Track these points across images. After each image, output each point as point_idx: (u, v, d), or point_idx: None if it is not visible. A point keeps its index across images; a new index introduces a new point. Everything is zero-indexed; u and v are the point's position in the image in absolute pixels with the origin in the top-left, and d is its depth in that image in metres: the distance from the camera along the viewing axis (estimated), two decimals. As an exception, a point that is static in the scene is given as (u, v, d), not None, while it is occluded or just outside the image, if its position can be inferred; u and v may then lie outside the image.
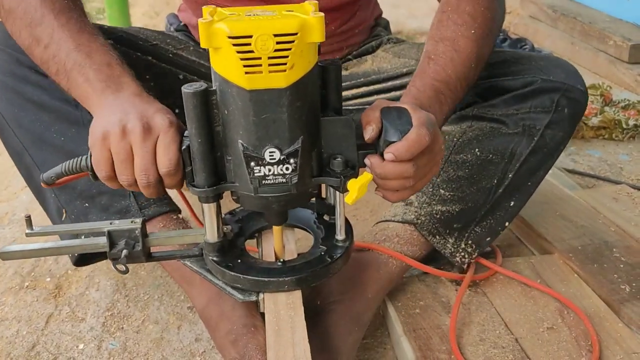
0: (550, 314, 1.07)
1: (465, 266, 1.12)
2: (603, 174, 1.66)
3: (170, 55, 1.17)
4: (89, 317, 1.16)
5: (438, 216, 1.07)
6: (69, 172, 0.80)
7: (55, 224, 1.06)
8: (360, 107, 1.18)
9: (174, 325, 1.13)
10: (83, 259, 1.10)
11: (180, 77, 1.17)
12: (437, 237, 1.09)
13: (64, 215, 1.03)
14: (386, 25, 1.35)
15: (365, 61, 1.23)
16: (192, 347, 1.08)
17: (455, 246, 1.09)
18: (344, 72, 1.22)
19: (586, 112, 1.87)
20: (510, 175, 1.07)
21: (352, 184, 0.76)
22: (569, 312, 1.07)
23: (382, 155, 0.76)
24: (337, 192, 0.82)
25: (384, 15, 1.38)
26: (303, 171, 0.76)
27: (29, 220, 0.83)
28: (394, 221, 1.10)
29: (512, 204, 1.10)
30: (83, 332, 1.12)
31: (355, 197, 0.76)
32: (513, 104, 1.07)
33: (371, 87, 1.19)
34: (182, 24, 1.30)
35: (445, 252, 1.10)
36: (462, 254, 1.10)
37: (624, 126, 1.87)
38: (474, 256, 1.12)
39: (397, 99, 1.14)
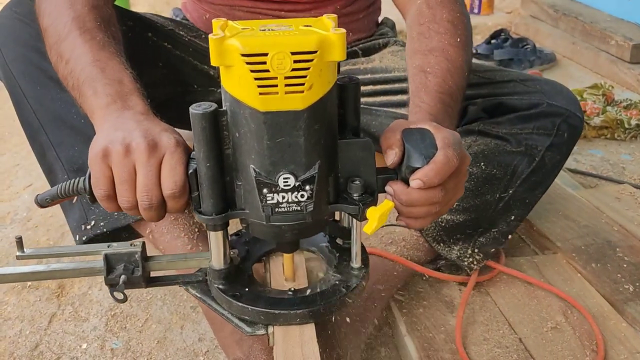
0: (554, 314, 1.07)
1: (471, 272, 1.12)
2: (605, 173, 1.66)
3: (186, 39, 1.16)
4: (91, 316, 1.16)
5: (443, 224, 1.08)
6: (65, 194, 0.75)
7: (65, 208, 1.05)
8: (366, 106, 1.17)
9: (177, 324, 1.13)
10: (90, 243, 1.02)
11: (194, 64, 1.15)
12: (442, 244, 1.10)
13: (75, 199, 1.02)
14: (392, 26, 1.35)
15: (372, 60, 1.23)
16: (196, 347, 1.08)
17: (462, 252, 1.10)
18: (351, 67, 1.22)
19: (588, 112, 1.88)
20: (510, 192, 1.08)
21: (372, 213, 0.70)
22: (572, 311, 1.07)
23: (404, 180, 0.72)
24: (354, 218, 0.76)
25: (386, 16, 1.38)
26: (319, 198, 0.70)
27: (19, 242, 0.77)
28: (400, 225, 1.10)
29: (512, 218, 1.11)
30: (86, 331, 1.12)
31: (375, 226, 0.69)
32: (517, 123, 1.08)
33: (378, 87, 1.19)
34: (185, 16, 1.30)
35: (451, 257, 1.11)
36: (470, 259, 1.10)
37: (626, 126, 1.87)
38: (482, 263, 1.12)
39: (405, 102, 1.15)
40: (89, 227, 1.01)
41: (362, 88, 1.19)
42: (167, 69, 1.10)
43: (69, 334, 1.12)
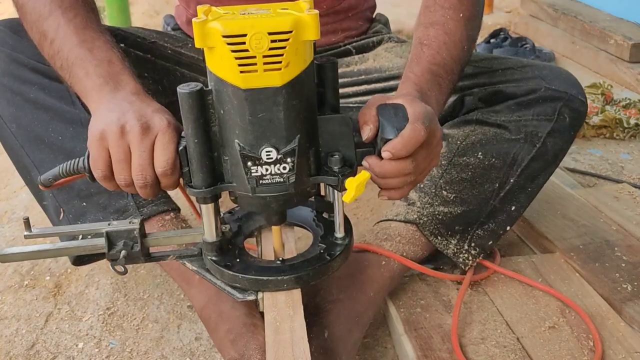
0: (551, 313, 1.06)
1: (467, 268, 1.12)
2: (604, 172, 1.66)
3: (170, 52, 1.17)
4: (88, 315, 1.15)
5: (440, 217, 1.07)
6: (66, 173, 0.79)
7: (54, 223, 1.06)
8: (361, 105, 1.17)
9: (174, 324, 1.13)
10: (82, 259, 1.09)
11: (179, 74, 1.17)
12: (439, 237, 1.08)
13: (62, 214, 1.02)
14: (386, 22, 1.35)
15: (367, 59, 1.23)
16: (192, 346, 1.07)
17: (458, 247, 1.09)
18: (345, 69, 1.22)
19: (587, 111, 1.87)
20: (511, 180, 1.07)
21: (350, 183, 0.75)
22: (570, 311, 1.07)
23: (380, 153, 0.76)
24: (336, 191, 0.82)
25: (384, 14, 1.38)
26: (301, 170, 0.75)
27: (27, 222, 0.82)
28: (396, 220, 1.09)
29: (512, 208, 1.10)
30: (82, 331, 1.12)
31: (353, 195, 0.75)
32: (516, 110, 1.07)
33: (372, 86, 1.19)
34: (177, 23, 1.30)
35: (447, 253, 1.10)
36: (466, 255, 1.09)
37: (625, 125, 1.87)
38: (477, 259, 1.12)
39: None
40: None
41: (357, 88, 1.19)
42: (153, 80, 1.11)
43: (65, 333, 1.11)
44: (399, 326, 1.04)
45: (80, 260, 1.09)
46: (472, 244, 1.09)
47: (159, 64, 1.14)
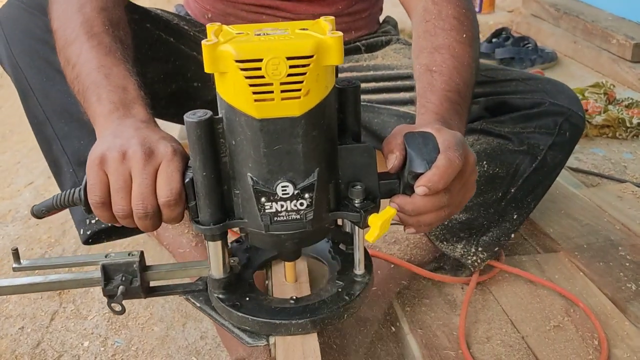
0: (556, 312, 1.07)
1: (475, 269, 1.12)
2: (607, 172, 1.66)
3: (191, 34, 1.16)
4: (93, 314, 1.16)
5: (446, 223, 1.07)
6: (60, 205, 0.73)
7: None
8: (369, 104, 1.17)
9: (179, 322, 1.13)
10: (94, 238, 1.02)
11: (199, 59, 1.16)
12: (445, 243, 1.09)
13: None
14: (395, 24, 1.35)
15: (375, 57, 1.23)
16: (198, 345, 1.07)
17: (465, 250, 1.10)
18: (355, 63, 1.22)
19: (590, 111, 1.88)
20: (512, 190, 1.08)
21: (374, 220, 0.68)
22: (575, 310, 1.07)
23: (406, 185, 0.70)
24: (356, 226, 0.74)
25: (387, 15, 1.39)
26: (319, 206, 0.68)
27: (16, 254, 0.77)
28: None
29: (515, 217, 1.11)
30: (88, 329, 1.12)
31: (377, 235, 0.67)
32: (520, 122, 1.08)
33: (381, 84, 1.18)
34: (188, 12, 1.30)
35: (455, 256, 1.11)
36: (474, 257, 1.10)
37: (628, 125, 1.87)
38: (486, 261, 1.12)
39: (408, 100, 1.14)
40: (93, 221, 1.00)
41: (365, 85, 1.19)
42: (172, 64, 1.10)
43: (70, 331, 1.12)
44: (404, 325, 1.04)
45: (92, 239, 1.01)
46: (480, 249, 1.10)
47: (180, 47, 1.13)
